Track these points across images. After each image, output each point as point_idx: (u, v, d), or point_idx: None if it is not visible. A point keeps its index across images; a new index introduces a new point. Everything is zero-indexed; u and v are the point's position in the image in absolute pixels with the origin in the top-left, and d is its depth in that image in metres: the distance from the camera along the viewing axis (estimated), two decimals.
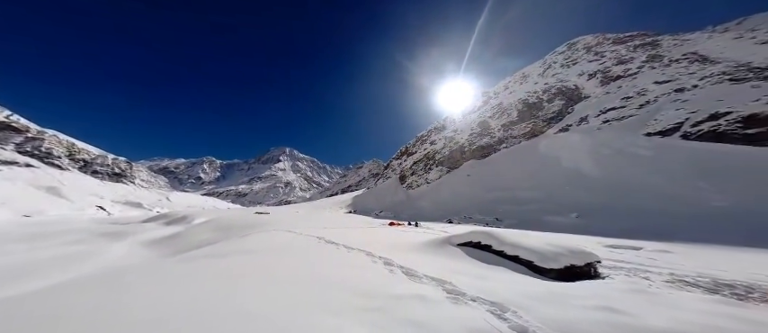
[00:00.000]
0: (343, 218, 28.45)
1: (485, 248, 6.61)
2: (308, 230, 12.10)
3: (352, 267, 4.96)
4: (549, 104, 61.54)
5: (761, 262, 7.25)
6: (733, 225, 15.20)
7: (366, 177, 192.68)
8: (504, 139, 61.16)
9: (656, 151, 31.88)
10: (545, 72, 75.47)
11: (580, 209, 23.77)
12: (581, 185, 29.87)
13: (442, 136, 77.08)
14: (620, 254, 7.97)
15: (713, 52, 49.10)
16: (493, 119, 68.31)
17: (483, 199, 37.01)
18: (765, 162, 23.76)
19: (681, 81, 44.87)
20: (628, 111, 45.72)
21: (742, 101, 32.65)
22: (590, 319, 2.71)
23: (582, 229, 17.35)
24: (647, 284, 4.74)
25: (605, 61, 63.77)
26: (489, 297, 3.32)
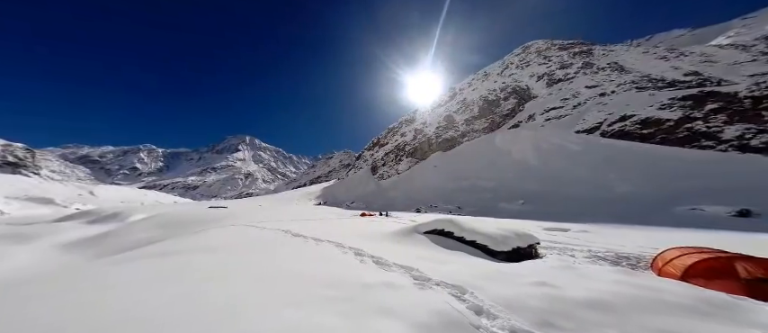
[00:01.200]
0: (312, 210, 27.61)
1: (448, 235, 7.17)
2: (273, 224, 11.48)
3: (322, 259, 4.91)
4: (504, 102, 68.01)
5: (648, 237, 9.53)
6: (632, 207, 19.45)
7: (337, 168, 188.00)
8: (467, 133, 66.09)
9: (583, 146, 38.19)
10: (503, 72, 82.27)
11: (526, 196, 27.43)
12: (527, 176, 34.31)
13: (412, 128, 79.40)
14: (553, 235, 9.60)
15: (628, 63, 59.82)
16: (457, 114, 72.85)
17: (447, 189, 39.79)
18: (655, 156, 30.57)
19: (604, 87, 53.77)
20: (564, 111, 53.28)
21: (642, 106, 40.83)
22: (529, 294, 3.12)
23: (526, 214, 20.17)
24: (572, 261, 5.83)
25: (551, 65, 72.34)
26: (451, 280, 3.56)
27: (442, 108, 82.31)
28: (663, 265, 4.58)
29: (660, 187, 22.56)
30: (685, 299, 3.02)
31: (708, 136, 32.67)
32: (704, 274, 3.86)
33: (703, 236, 9.24)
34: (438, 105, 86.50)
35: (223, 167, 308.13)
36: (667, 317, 2.67)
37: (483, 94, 73.20)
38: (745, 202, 15.76)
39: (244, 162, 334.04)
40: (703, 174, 23.62)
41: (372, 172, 73.61)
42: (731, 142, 30.65)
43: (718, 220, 14.23)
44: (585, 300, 3.05)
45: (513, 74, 76.47)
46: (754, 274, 3.49)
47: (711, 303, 2.91)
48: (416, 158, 67.01)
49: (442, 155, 61.01)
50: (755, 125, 30.76)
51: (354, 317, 2.47)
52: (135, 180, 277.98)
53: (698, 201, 17.39)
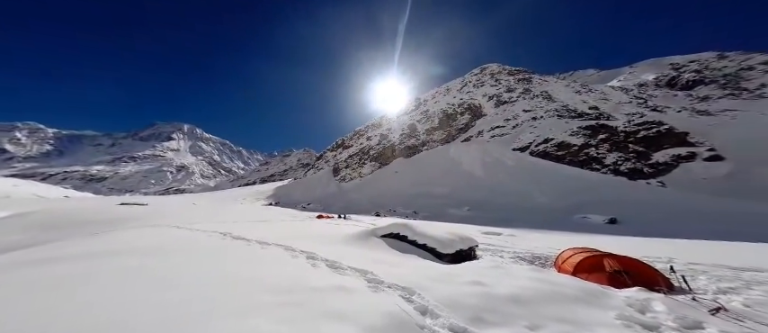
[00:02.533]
0: (260, 211, 25.10)
1: (402, 239, 7.47)
2: (209, 225, 10.12)
3: (269, 264, 4.64)
4: (460, 117, 75.40)
5: (555, 240, 11.88)
6: (546, 215, 23.95)
7: (294, 167, 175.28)
8: (427, 142, 70.67)
9: (516, 162, 45.22)
10: (462, 89, 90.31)
11: (471, 203, 30.88)
12: (473, 185, 38.67)
13: (378, 133, 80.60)
14: (489, 238, 11.10)
15: (554, 93, 73.44)
16: (420, 123, 77.34)
17: (406, 194, 41.60)
18: (563, 174, 38.32)
19: (536, 112, 64.69)
20: (506, 130, 62.22)
21: (559, 131, 50.82)
22: (466, 292, 3.42)
23: (470, 219, 22.71)
24: (501, 261, 6.83)
25: (500, 88, 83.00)
26: (402, 283, 3.67)
27: (406, 116, 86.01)
28: (561, 263, 5.80)
29: (565, 200, 28.44)
30: (574, 290, 3.91)
31: (597, 160, 42.93)
32: (586, 269, 5.04)
33: (588, 238, 12.07)
34: (403, 113, 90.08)
35: (147, 157, 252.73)
36: (562, 305, 3.42)
37: (443, 107, 79.38)
38: (613, 212, 21.27)
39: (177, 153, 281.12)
40: (591, 190, 30.80)
41: (334, 173, 71.51)
42: (610, 166, 41.03)
43: (598, 226, 18.83)
44: (508, 295, 3.63)
45: (470, 92, 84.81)
46: (614, 267, 4.74)
47: (589, 292, 3.85)
48: (380, 163, 68.18)
49: (403, 161, 63.52)
50: (624, 154, 42.02)
51: (303, 322, 2.41)
52: (4, 166, 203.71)
53: (586, 211, 22.65)
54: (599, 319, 3.06)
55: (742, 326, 2.77)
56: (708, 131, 40.43)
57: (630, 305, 3.36)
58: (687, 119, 45.64)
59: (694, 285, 4.48)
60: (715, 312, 3.07)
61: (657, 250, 8.62)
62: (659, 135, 42.03)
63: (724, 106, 50.02)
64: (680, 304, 3.26)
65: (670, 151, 39.42)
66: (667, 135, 41.50)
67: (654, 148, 41.03)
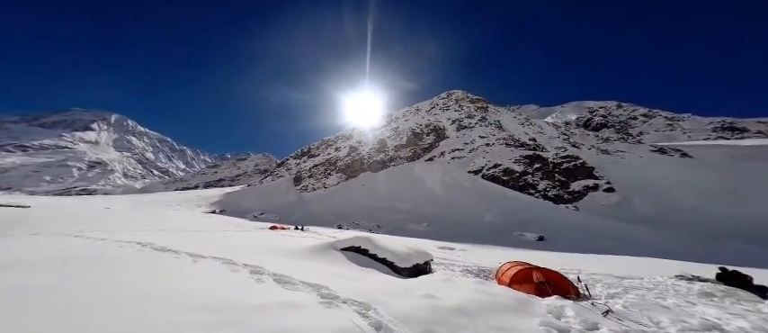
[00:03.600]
0: (198, 219, 21.72)
1: (363, 252, 7.38)
2: (125, 234, 8.38)
3: (199, 278, 4.11)
4: (426, 137, 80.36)
5: (498, 254, 13.23)
6: (492, 232, 26.67)
7: (250, 172, 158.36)
8: (395, 158, 72.87)
9: (471, 183, 49.86)
10: (430, 110, 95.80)
11: (430, 219, 32.43)
12: (433, 202, 40.90)
13: (348, 144, 79.83)
14: (444, 253, 11.76)
15: (504, 123, 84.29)
16: (390, 139, 79.75)
17: (370, 207, 41.42)
18: (506, 197, 43.61)
19: (489, 139, 72.99)
20: (464, 153, 68.50)
21: (506, 158, 58.26)
22: (419, 305, 3.55)
23: (428, 234, 23.77)
24: (452, 274, 7.27)
25: (462, 113, 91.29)
26: (359, 297, 3.62)
27: (377, 131, 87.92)
28: (500, 276, 6.49)
29: (507, 219, 32.23)
30: (508, 300, 4.40)
31: (532, 186, 50.37)
32: (519, 281, 5.73)
33: (523, 253, 13.80)
34: (375, 128, 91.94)
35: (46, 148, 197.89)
36: (498, 314, 3.79)
37: (412, 126, 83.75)
38: (542, 231, 25.00)
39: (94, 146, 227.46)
40: (526, 211, 35.72)
41: (295, 182, 67.18)
42: (541, 192, 48.57)
43: (530, 242, 21.81)
44: (456, 307, 3.87)
45: (437, 114, 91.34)
46: (540, 278, 5.52)
47: (520, 301, 4.38)
48: (347, 175, 67.04)
49: (371, 175, 63.78)
50: (552, 182, 50.43)
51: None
52: None
53: (522, 229, 26.10)
54: (526, 325, 3.49)
55: (621, 324, 3.50)
56: (606, 167, 51.69)
57: (550, 312, 3.93)
58: (595, 156, 57.69)
59: (593, 292, 5.49)
60: (606, 314, 3.82)
61: (571, 263, 10.36)
62: (576, 168, 51.92)
63: (617, 147, 64.94)
64: (584, 309, 3.95)
65: (582, 182, 48.86)
66: (581, 168, 51.54)
67: (572, 178, 50.34)
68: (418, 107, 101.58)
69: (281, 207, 47.47)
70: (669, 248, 18.11)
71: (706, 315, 3.96)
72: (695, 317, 3.87)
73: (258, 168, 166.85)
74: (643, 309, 4.24)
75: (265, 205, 47.97)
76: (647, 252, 15.60)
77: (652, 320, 3.66)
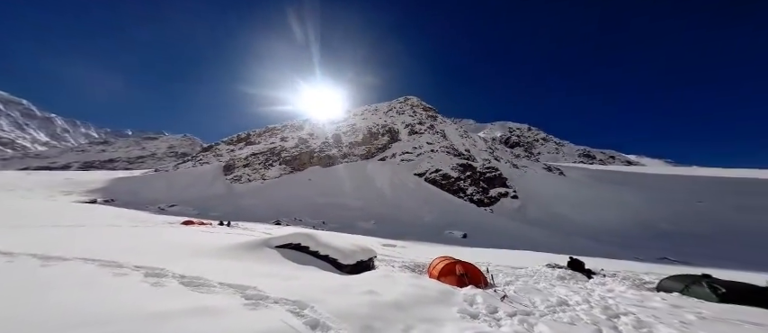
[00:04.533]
0: (66, 211, 16.05)
1: (303, 250, 7.00)
2: None
3: (58, 288, 3.14)
4: (381, 137, 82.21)
5: (433, 250, 14.83)
6: (430, 230, 29.70)
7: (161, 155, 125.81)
8: (348, 155, 71.60)
9: (415, 185, 53.98)
10: (388, 112, 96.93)
11: (378, 217, 33.49)
12: (381, 201, 42.36)
13: (297, 136, 73.43)
14: (387, 249, 12.41)
15: (448, 133, 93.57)
16: (345, 135, 77.77)
17: (316, 203, 39.48)
18: (443, 199, 49.26)
19: (434, 146, 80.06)
20: (412, 156, 73.34)
21: (445, 165, 65.46)
22: (360, 302, 3.61)
23: (375, 232, 24.56)
24: (391, 270, 7.75)
25: (415, 119, 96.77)
26: (293, 296, 3.42)
27: (333, 126, 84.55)
28: (431, 270, 7.36)
29: (442, 218, 36.51)
30: (435, 292, 5.05)
31: (463, 190, 58.50)
32: (445, 274, 6.63)
33: (452, 249, 15.99)
34: (331, 123, 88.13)
35: None
36: (427, 306, 4.31)
37: (370, 125, 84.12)
38: (466, 229, 29.51)
39: None
40: (457, 212, 41.38)
41: (226, 171, 57.54)
42: (469, 196, 57.05)
43: (457, 239, 25.48)
44: (393, 301, 4.18)
45: (393, 117, 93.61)
46: (460, 271, 6.53)
47: (444, 292, 5.09)
48: (292, 168, 61.68)
49: (320, 170, 60.72)
50: (477, 188, 59.88)
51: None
52: None
53: (452, 228, 30.18)
54: (448, 314, 4.10)
55: (512, 305, 4.55)
56: (515, 179, 64.88)
57: (465, 300, 4.73)
58: (508, 169, 71.45)
59: (496, 281, 6.88)
60: (503, 299, 4.88)
61: (484, 256, 12.64)
62: (495, 177, 63.08)
63: (523, 163, 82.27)
64: (489, 296, 4.93)
65: (498, 189, 59.84)
66: (498, 178, 62.98)
67: (491, 186, 60.97)
68: (377, 108, 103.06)
69: (202, 199, 39.85)
70: (547, 244, 24.36)
71: (560, 294, 5.57)
72: (554, 295, 5.38)
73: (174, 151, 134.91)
74: (526, 292, 5.61)
75: (179, 196, 39.32)
76: (533, 247, 20.52)
77: (530, 301, 4.89)
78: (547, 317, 3.94)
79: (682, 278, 6.04)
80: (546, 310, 4.27)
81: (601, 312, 4.21)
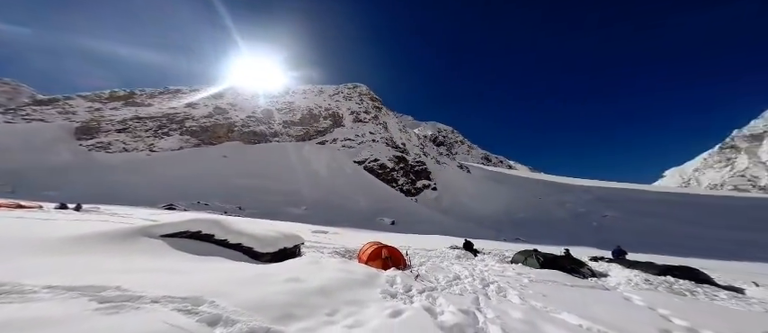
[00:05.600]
0: None
1: (206, 239, 5.96)
2: None
3: None
4: (323, 121, 76.98)
5: (365, 236, 15.52)
6: (364, 217, 30.87)
7: None
8: (280, 134, 63.25)
9: (353, 172, 54.30)
10: (334, 96, 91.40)
11: (310, 203, 31.81)
12: (317, 186, 40.34)
13: (214, 104, 58.27)
14: (318, 236, 12.10)
15: (389, 126, 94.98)
16: (280, 112, 67.90)
17: (232, 185, 33.37)
18: (379, 187, 51.96)
19: (376, 136, 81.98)
20: (354, 144, 72.77)
21: (384, 155, 68.45)
22: (279, 291, 3.36)
23: (306, 218, 23.31)
24: (320, 256, 7.67)
25: (361, 107, 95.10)
26: (185, 293, 2.93)
27: (265, 99, 72.34)
28: (361, 255, 7.78)
29: (375, 206, 38.71)
30: (362, 275, 5.38)
31: (395, 180, 63.64)
32: (373, 258, 7.15)
33: (381, 235, 17.29)
34: (265, 96, 74.76)
35: None
36: (353, 289, 4.53)
37: (311, 105, 76.85)
38: (395, 216, 32.62)
39: None
40: (389, 200, 44.82)
41: (81, 134, 40.15)
42: (400, 186, 62.69)
43: (387, 225, 27.85)
44: (318, 287, 4.13)
45: (339, 102, 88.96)
46: (386, 254, 7.21)
47: (370, 275, 5.49)
48: (199, 140, 49.17)
49: (241, 146, 51.25)
50: (408, 179, 66.57)
51: None
52: None
53: (383, 215, 32.62)
54: (372, 295, 4.46)
55: (423, 283, 5.43)
56: (436, 173, 75.69)
57: (387, 281, 5.27)
58: (433, 164, 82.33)
59: (413, 262, 8.01)
60: (416, 278, 5.75)
61: (407, 241, 14.41)
62: (422, 171, 71.55)
63: (444, 161, 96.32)
64: (407, 276, 5.68)
65: (423, 182, 68.42)
66: (424, 172, 71.78)
67: (418, 178, 68.98)
68: (322, 89, 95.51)
69: (27, 171, 26.63)
70: (453, 229, 30.13)
71: (456, 270, 7.07)
72: (452, 272, 6.79)
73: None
74: (433, 270, 6.80)
75: None
76: (444, 232, 24.97)
77: (435, 278, 5.99)
78: (446, 290, 4.93)
79: (524, 252, 8.87)
80: (446, 285, 5.34)
81: (479, 283, 5.61)
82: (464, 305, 4.00)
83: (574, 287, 5.55)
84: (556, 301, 4.36)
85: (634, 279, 6.46)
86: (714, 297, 5.36)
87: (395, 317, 3.45)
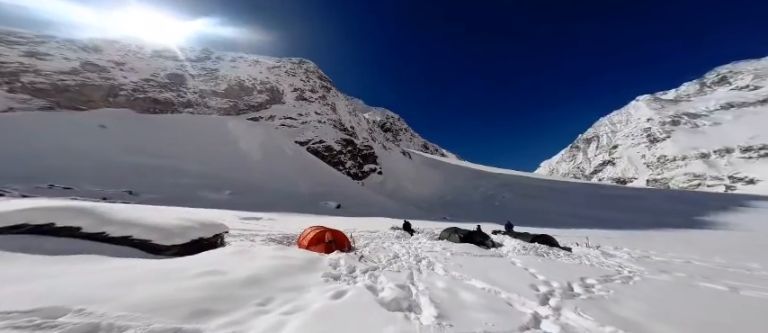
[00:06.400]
0: None
1: (63, 233, 4.47)
2: None
3: None
4: (258, 94, 65.87)
5: (307, 220, 14.65)
6: (305, 200, 29.07)
7: None
8: (195, 104, 50.59)
9: (295, 153, 49.73)
10: (274, 69, 79.36)
11: (237, 187, 27.37)
12: (246, 167, 34.90)
13: (84, 58, 39.89)
14: (247, 224, 10.62)
15: (338, 108, 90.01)
16: (197, 79, 53.81)
17: (115, 164, 24.93)
18: (324, 170, 49.69)
19: (323, 117, 76.39)
20: (296, 123, 65.99)
21: (330, 137, 65.32)
22: (191, 287, 2.90)
23: (232, 204, 19.99)
24: (250, 245, 6.79)
25: (307, 85, 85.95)
26: (27, 305, 2.24)
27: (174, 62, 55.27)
28: (301, 240, 7.34)
29: (319, 189, 37.12)
30: (301, 261, 5.09)
31: (342, 163, 62.38)
32: (315, 242, 6.85)
33: (325, 219, 16.85)
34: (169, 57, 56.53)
35: None
36: (291, 276, 4.23)
37: (243, 76, 64.89)
38: (341, 200, 32.35)
39: None
40: (335, 184, 43.84)
41: None
42: (347, 169, 62.03)
43: (332, 209, 27.32)
44: (247, 278, 3.66)
45: (280, 76, 78.00)
46: (329, 238, 7.04)
47: (311, 260, 5.26)
48: (53, 102, 34.35)
49: (131, 114, 38.78)
50: (355, 163, 66.34)
51: None
52: None
53: (328, 199, 31.78)
54: (313, 279, 4.29)
55: (366, 263, 5.61)
56: (383, 158, 78.53)
57: (330, 264, 5.18)
58: (380, 149, 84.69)
59: (357, 244, 8.19)
60: (360, 259, 5.89)
61: (354, 224, 14.59)
62: (369, 155, 72.78)
63: (390, 147, 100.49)
64: (350, 258, 5.74)
65: (370, 166, 69.99)
66: (371, 156, 73.30)
67: (365, 162, 70.02)
68: (259, 60, 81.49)
69: None
70: (395, 210, 32.45)
71: (396, 249, 7.65)
72: (392, 251, 7.30)
73: None
74: (376, 251, 7.15)
75: None
76: (387, 214, 26.58)
77: (377, 258, 6.31)
78: (386, 269, 5.25)
79: (448, 230, 10.47)
80: (386, 264, 5.69)
81: (413, 259, 6.20)
82: (401, 281, 4.32)
83: (482, 257, 6.92)
84: (469, 270, 5.27)
85: (517, 247, 8.60)
86: (557, 256, 7.72)
87: (337, 298, 3.46)
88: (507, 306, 3.50)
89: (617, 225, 27.37)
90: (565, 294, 4.03)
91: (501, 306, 3.47)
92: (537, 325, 2.96)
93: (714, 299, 4.27)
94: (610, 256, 7.92)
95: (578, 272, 5.48)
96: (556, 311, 3.34)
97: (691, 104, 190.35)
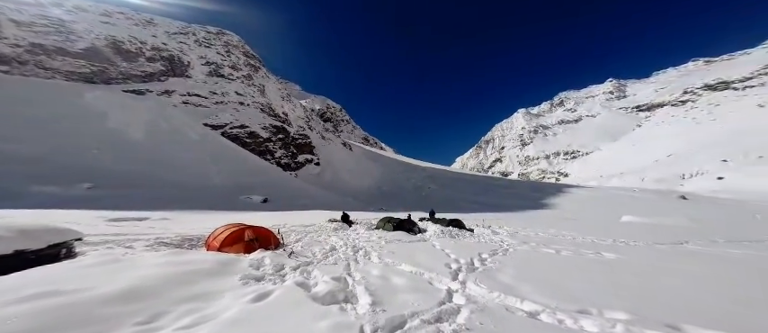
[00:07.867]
0: None
1: None
2: None
3: None
4: (147, 62, 49.37)
5: (218, 218, 12.22)
6: (218, 195, 24.08)
7: None
8: (27, 63, 32.40)
9: (202, 138, 40.17)
10: (176, 35, 63.62)
11: (104, 178, 19.72)
12: (121, 153, 25.54)
13: None
14: (121, 226, 7.87)
15: (268, 90, 77.90)
16: (22, 28, 34.80)
17: None
18: (245, 159, 42.53)
19: (246, 99, 64.29)
20: (206, 102, 52.94)
21: (255, 123, 56.03)
22: (9, 316, 2.21)
23: (92, 202, 14.23)
24: (123, 253, 5.10)
25: (226, 61, 69.38)
26: None
27: None
28: (211, 241, 6.12)
29: (238, 181, 31.68)
30: (210, 264, 4.26)
31: (271, 153, 55.22)
32: (230, 242, 5.85)
33: (246, 215, 14.57)
34: None
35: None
36: (194, 284, 3.48)
37: (122, 36, 47.90)
38: (270, 194, 28.72)
39: None
40: (260, 175, 38.46)
41: None
42: (278, 159, 55.39)
43: (256, 204, 23.91)
44: (122, 291, 2.85)
45: (185, 44, 62.79)
46: (250, 236, 6.14)
47: (223, 263, 4.46)
48: None
49: None
50: (287, 152, 59.93)
51: None
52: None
53: (251, 192, 27.62)
54: (227, 284, 3.67)
55: (297, 260, 5.26)
56: (320, 149, 74.55)
57: (251, 265, 4.57)
58: (318, 139, 79.77)
59: (287, 240, 7.55)
60: (290, 255, 5.48)
61: (283, 219, 13.29)
62: (305, 144, 67.50)
63: (329, 137, 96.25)
64: (278, 255, 5.22)
65: (305, 156, 65.13)
66: (307, 146, 68.28)
67: (300, 152, 64.63)
68: (154, 20, 62.48)
69: None
70: (333, 203, 31.65)
71: (333, 242, 7.53)
72: (329, 244, 7.13)
73: None
74: (310, 245, 6.82)
75: None
76: (325, 206, 25.56)
77: (312, 252, 6.02)
78: (321, 263, 5.07)
79: (384, 220, 11.22)
80: (322, 258, 5.52)
81: (351, 250, 6.29)
82: (337, 273, 4.30)
83: (411, 243, 7.76)
84: (400, 256, 5.80)
85: (437, 231, 10.16)
86: (464, 237, 9.61)
87: (260, 300, 3.13)
88: (428, 285, 4.00)
89: (501, 208, 36.54)
90: (469, 269, 4.95)
91: (424, 286, 3.95)
92: (450, 298, 3.51)
93: (552, 259, 6.31)
94: (496, 234, 10.42)
95: (477, 249, 6.87)
96: (462, 285, 4.04)
97: (544, 119, 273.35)
